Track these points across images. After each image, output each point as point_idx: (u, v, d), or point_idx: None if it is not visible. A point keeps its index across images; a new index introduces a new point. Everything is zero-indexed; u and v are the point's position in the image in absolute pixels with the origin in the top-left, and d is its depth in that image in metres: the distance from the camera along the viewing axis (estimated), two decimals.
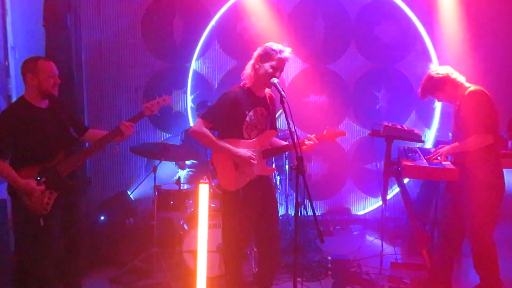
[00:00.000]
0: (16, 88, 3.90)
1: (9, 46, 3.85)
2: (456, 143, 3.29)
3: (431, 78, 3.30)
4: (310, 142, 3.00)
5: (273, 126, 3.17)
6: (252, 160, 2.89)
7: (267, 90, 3.06)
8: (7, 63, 3.82)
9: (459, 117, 3.24)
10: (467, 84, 3.24)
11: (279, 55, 2.83)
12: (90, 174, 5.05)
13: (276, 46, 2.87)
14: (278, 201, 3.76)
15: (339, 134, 3.14)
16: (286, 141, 3.23)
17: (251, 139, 2.98)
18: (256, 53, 2.93)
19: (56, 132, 3.02)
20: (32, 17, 4.24)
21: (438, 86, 3.26)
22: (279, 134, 3.64)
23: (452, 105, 3.39)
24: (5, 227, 3.20)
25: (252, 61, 2.93)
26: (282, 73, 2.92)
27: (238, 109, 2.91)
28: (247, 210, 2.97)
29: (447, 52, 5.34)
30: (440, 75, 3.25)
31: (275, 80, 2.81)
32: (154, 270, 3.85)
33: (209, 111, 3.00)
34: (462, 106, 3.21)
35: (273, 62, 2.83)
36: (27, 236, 3.07)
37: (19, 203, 2.91)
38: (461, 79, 3.26)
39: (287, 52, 2.86)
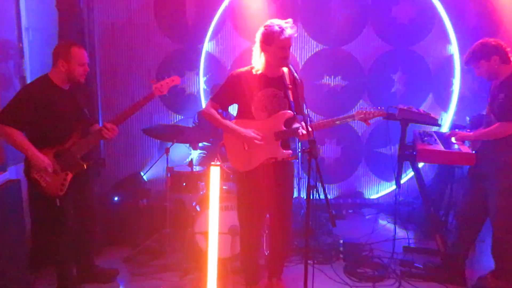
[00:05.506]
0: (30, 69, 3.92)
1: (23, 27, 3.86)
2: (481, 129, 3.17)
3: (484, 43, 3.13)
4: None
5: (297, 108, 2.81)
6: (256, 141, 2.82)
7: (285, 70, 2.88)
8: (21, 45, 3.83)
9: (498, 99, 3.08)
10: None
11: (282, 36, 2.68)
12: (104, 155, 5.10)
13: (276, 26, 2.70)
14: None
15: (374, 115, 2.86)
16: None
17: (263, 120, 2.90)
18: (258, 37, 2.79)
19: (73, 113, 3.05)
20: None
21: (488, 54, 3.08)
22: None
23: (489, 83, 3.24)
24: (20, 207, 3.25)
25: (257, 44, 2.82)
26: (291, 47, 2.77)
27: (244, 89, 2.84)
28: (258, 192, 2.94)
29: (466, 34, 5.20)
30: (494, 43, 3.11)
31: (287, 66, 2.74)
32: (166, 250, 3.89)
33: (216, 92, 3.00)
34: (504, 86, 3.06)
35: (279, 44, 2.70)
36: (43, 217, 3.11)
37: (34, 184, 2.95)
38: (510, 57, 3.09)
39: (289, 28, 2.70)
